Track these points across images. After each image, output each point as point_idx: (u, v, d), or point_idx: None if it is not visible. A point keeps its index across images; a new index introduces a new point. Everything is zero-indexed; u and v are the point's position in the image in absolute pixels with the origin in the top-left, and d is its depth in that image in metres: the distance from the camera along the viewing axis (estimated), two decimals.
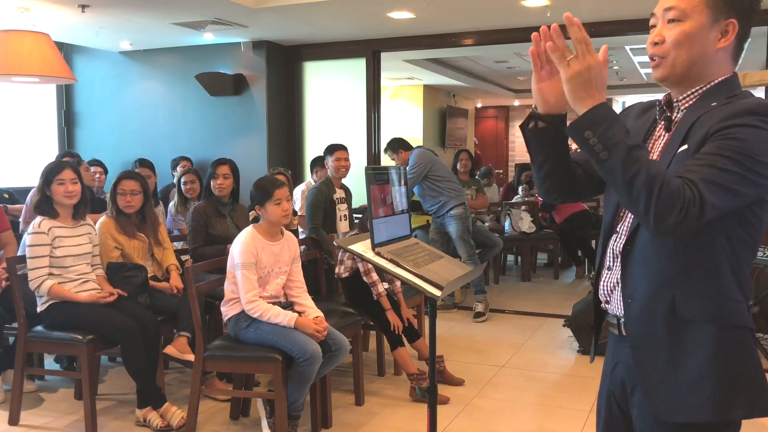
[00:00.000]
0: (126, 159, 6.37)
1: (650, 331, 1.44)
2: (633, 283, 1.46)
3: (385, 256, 2.16)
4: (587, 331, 4.66)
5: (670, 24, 1.44)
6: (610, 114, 1.31)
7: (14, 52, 4.72)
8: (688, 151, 1.37)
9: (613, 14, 5.37)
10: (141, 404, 3.42)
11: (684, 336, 1.40)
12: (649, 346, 1.44)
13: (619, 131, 1.29)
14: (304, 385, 3.10)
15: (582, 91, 1.32)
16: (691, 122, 1.41)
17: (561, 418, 3.61)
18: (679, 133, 1.43)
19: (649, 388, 1.44)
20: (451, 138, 11.55)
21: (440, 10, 5.26)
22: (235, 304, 3.21)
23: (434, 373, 2.33)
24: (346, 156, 4.79)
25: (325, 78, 6.66)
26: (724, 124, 1.32)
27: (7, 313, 3.66)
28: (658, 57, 1.46)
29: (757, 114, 1.32)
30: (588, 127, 1.30)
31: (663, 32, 1.45)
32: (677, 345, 1.41)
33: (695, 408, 1.39)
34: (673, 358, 1.41)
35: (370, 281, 3.82)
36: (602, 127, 1.29)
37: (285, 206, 3.24)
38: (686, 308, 1.40)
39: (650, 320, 1.43)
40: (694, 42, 1.42)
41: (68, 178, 3.46)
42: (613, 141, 1.28)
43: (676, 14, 1.43)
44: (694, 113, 1.42)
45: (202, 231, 4.16)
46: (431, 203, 5.68)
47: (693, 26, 1.42)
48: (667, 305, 1.41)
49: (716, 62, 1.45)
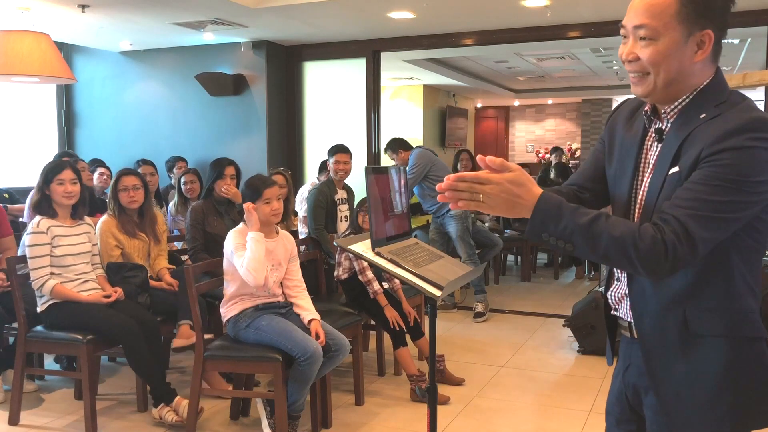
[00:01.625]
0: (126, 159, 6.37)
1: (664, 347, 1.42)
2: (642, 298, 1.44)
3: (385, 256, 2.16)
4: (587, 331, 4.67)
5: (642, 42, 1.37)
6: (551, 207, 1.30)
7: (14, 52, 4.72)
8: (680, 174, 1.34)
9: (613, 14, 5.36)
10: (155, 403, 3.42)
11: (698, 351, 1.39)
12: (664, 362, 1.43)
13: (567, 219, 1.29)
14: (304, 385, 3.10)
15: (511, 210, 1.32)
16: (681, 138, 1.37)
17: (561, 418, 3.61)
18: (669, 149, 1.39)
19: (666, 403, 1.43)
20: (451, 138, 11.55)
21: (440, 10, 5.26)
22: (234, 305, 3.21)
23: (434, 373, 2.33)
24: (346, 159, 4.79)
25: (325, 78, 6.66)
26: (715, 149, 1.29)
27: (7, 313, 3.66)
28: (635, 74, 1.41)
29: (748, 132, 1.28)
30: (540, 229, 1.31)
31: (635, 50, 1.38)
32: (692, 360, 1.39)
33: (713, 422, 1.38)
34: (688, 374, 1.40)
35: (365, 280, 3.82)
36: (551, 225, 1.30)
37: (275, 205, 3.23)
38: (698, 324, 1.38)
39: (663, 336, 1.42)
40: (670, 60, 1.35)
41: (68, 178, 3.46)
42: (567, 232, 1.29)
43: (648, 33, 1.35)
44: (683, 127, 1.38)
45: (200, 229, 4.18)
46: (431, 203, 5.69)
47: (667, 45, 1.34)
48: (680, 321, 1.39)
49: (696, 73, 1.39)
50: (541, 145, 13.53)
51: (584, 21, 5.62)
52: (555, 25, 5.69)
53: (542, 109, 13.77)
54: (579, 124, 13.20)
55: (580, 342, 4.73)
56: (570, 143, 13.16)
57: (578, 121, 13.25)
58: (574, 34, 5.78)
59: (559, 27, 5.74)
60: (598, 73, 9.97)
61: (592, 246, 1.28)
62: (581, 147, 12.85)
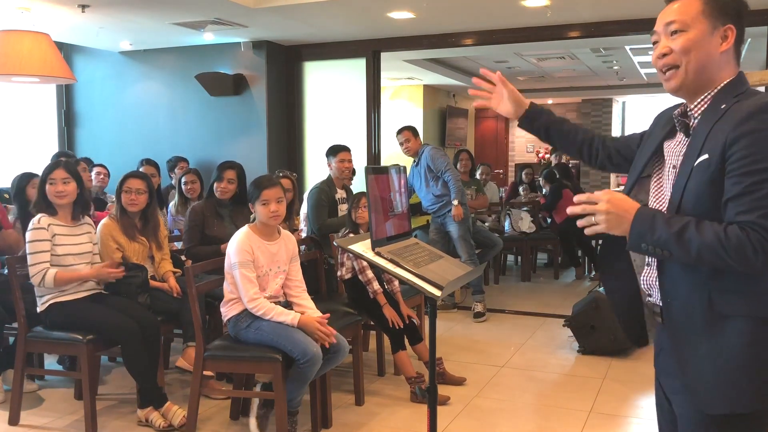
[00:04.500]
0: (126, 159, 6.37)
1: (689, 327, 1.50)
2: (671, 282, 1.54)
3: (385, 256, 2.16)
4: (587, 331, 4.66)
5: (674, 35, 1.55)
6: (646, 218, 1.46)
7: (14, 52, 4.72)
8: (709, 161, 1.45)
9: (613, 14, 5.37)
10: (142, 404, 3.42)
11: (721, 330, 1.47)
12: (689, 342, 1.51)
13: (661, 229, 1.43)
14: (302, 385, 3.11)
15: (618, 227, 1.49)
16: (707, 131, 1.49)
17: (561, 418, 3.60)
18: (697, 141, 1.51)
19: (690, 382, 1.51)
20: (451, 138, 11.55)
21: (440, 10, 5.26)
22: (234, 305, 3.20)
23: (434, 373, 2.33)
24: (350, 158, 4.80)
25: (325, 78, 6.66)
26: (739, 132, 1.41)
27: (7, 313, 3.66)
28: (668, 68, 1.56)
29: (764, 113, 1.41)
30: (639, 240, 1.46)
31: (668, 44, 1.56)
32: (715, 339, 1.47)
33: (734, 399, 1.46)
34: (712, 352, 1.47)
35: (365, 279, 3.82)
36: (648, 235, 1.45)
37: (273, 207, 3.17)
38: (723, 304, 1.47)
39: (689, 317, 1.50)
40: (700, 47, 1.53)
41: (59, 177, 3.44)
42: (662, 240, 1.43)
43: (679, 26, 1.54)
44: (708, 121, 1.51)
45: (198, 231, 4.16)
46: (433, 202, 5.65)
47: (696, 34, 1.53)
48: (705, 301, 1.48)
49: (722, 65, 1.54)
50: (541, 145, 13.53)
51: (584, 21, 5.62)
52: (555, 25, 5.69)
53: None
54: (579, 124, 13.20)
55: (580, 342, 4.73)
56: None
57: (578, 121, 13.25)
58: (574, 34, 5.78)
59: (559, 27, 5.74)
60: (598, 73, 9.97)
61: (686, 252, 1.42)
62: None
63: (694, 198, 1.47)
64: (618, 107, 13.33)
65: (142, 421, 3.42)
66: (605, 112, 12.70)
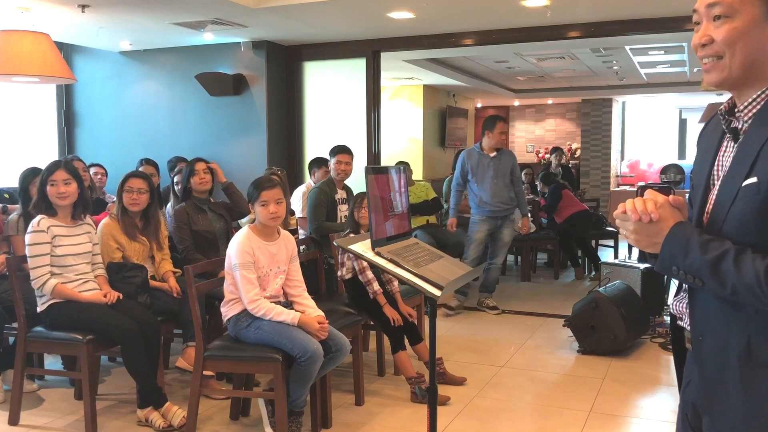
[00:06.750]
0: (126, 159, 6.37)
1: (722, 375, 1.29)
2: (702, 315, 1.33)
3: (385, 256, 2.16)
4: (587, 331, 4.67)
5: (717, 21, 1.26)
6: (679, 240, 1.25)
7: (14, 52, 4.72)
8: (759, 187, 1.19)
9: (613, 14, 5.37)
10: (142, 404, 3.42)
11: (760, 383, 1.23)
12: (722, 391, 1.30)
13: (694, 254, 1.22)
14: (305, 383, 3.11)
15: (651, 246, 1.29)
16: (759, 145, 1.22)
17: (561, 418, 3.60)
18: (746, 154, 1.25)
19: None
20: (451, 138, 11.55)
21: (440, 10, 5.26)
22: (234, 305, 3.20)
23: (434, 373, 2.33)
24: (347, 160, 4.80)
25: (325, 78, 6.66)
26: None
27: (7, 313, 3.66)
28: (709, 59, 1.29)
29: None
30: (670, 262, 1.26)
31: (709, 31, 1.27)
32: (753, 393, 1.24)
33: None
34: (748, 407, 1.25)
35: (365, 280, 3.82)
36: (680, 258, 1.24)
37: (272, 208, 3.17)
38: (764, 353, 1.23)
39: (723, 362, 1.29)
40: (748, 39, 1.23)
41: (60, 178, 3.44)
42: (695, 267, 1.22)
43: (723, 10, 1.24)
44: (762, 127, 1.24)
45: (187, 230, 4.23)
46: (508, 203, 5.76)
47: (744, 22, 1.23)
48: (743, 346, 1.24)
49: None
50: (541, 145, 13.53)
51: (584, 21, 5.62)
52: (555, 25, 5.69)
53: (542, 109, 13.77)
54: (579, 124, 13.19)
55: (580, 342, 4.73)
56: (570, 143, 13.16)
57: (578, 121, 13.24)
58: (574, 34, 5.78)
59: (559, 27, 5.74)
60: (598, 73, 9.96)
61: (720, 285, 1.20)
62: (581, 147, 12.86)
63: (738, 226, 1.23)
64: (618, 107, 13.32)
65: (141, 421, 3.42)
66: (605, 112, 12.69)
